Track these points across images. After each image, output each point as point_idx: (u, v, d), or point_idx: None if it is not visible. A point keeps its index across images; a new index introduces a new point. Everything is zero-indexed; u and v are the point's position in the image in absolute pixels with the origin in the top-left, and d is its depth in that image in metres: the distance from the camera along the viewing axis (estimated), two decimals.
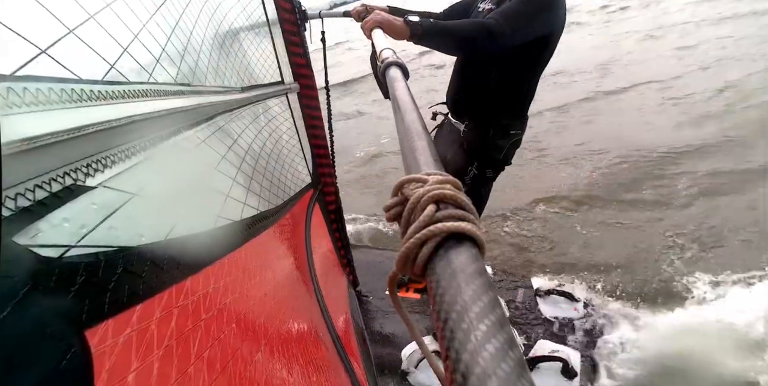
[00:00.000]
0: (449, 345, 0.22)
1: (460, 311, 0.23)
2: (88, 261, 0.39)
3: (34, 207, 0.34)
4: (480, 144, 1.65)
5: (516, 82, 1.57)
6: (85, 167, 0.39)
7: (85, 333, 0.37)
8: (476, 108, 1.66)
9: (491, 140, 1.63)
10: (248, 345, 0.68)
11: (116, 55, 0.43)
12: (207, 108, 0.69)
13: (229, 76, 1.00)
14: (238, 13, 1.21)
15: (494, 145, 1.64)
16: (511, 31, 1.30)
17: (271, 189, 1.14)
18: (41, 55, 0.32)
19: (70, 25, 0.37)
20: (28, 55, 0.31)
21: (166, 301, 0.51)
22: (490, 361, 0.19)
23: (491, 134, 1.62)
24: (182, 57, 0.62)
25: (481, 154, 1.67)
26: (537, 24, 1.37)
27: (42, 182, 0.34)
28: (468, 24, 1.35)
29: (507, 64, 1.53)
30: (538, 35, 1.40)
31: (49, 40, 0.34)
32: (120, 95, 0.42)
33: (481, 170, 1.68)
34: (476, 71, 1.64)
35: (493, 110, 1.61)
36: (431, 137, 0.49)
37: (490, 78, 1.58)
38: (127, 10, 0.47)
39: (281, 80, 1.54)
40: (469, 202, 0.33)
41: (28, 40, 0.31)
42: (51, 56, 0.34)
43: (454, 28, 1.32)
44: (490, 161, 1.68)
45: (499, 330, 0.21)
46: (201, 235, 0.64)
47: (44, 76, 0.33)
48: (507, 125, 1.62)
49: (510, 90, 1.58)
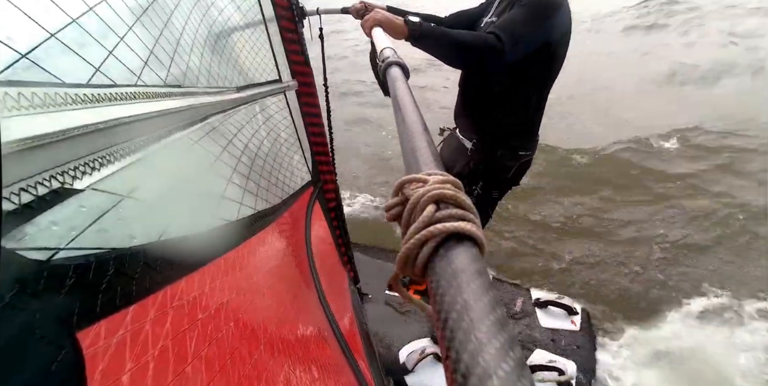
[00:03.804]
0: (449, 345, 0.22)
1: (461, 311, 0.23)
2: (78, 263, 0.39)
3: (20, 210, 0.34)
4: (487, 164, 1.59)
5: (522, 97, 1.49)
6: (73, 170, 0.39)
7: (76, 335, 0.38)
8: (483, 126, 1.58)
9: (499, 160, 1.57)
10: (247, 344, 0.69)
11: (101, 59, 0.44)
12: (199, 109, 0.69)
13: (224, 76, 1.00)
14: (233, 11, 1.21)
15: (502, 166, 1.58)
16: (511, 45, 1.24)
17: (270, 188, 1.14)
18: (21, 60, 0.33)
19: (52, 29, 0.37)
20: (8, 59, 0.31)
21: (160, 301, 0.52)
22: (491, 361, 0.19)
23: (499, 154, 1.56)
24: (172, 58, 0.63)
25: (488, 174, 1.60)
26: (538, 32, 1.31)
27: (27, 186, 0.34)
28: (469, 35, 1.29)
29: (511, 79, 1.45)
30: (540, 44, 1.33)
31: (30, 44, 0.34)
32: (106, 98, 0.42)
33: (487, 190, 1.62)
34: (480, 87, 1.56)
35: (501, 129, 1.54)
36: (431, 137, 0.49)
37: (493, 93, 1.50)
38: (111, 13, 0.47)
39: (278, 78, 1.53)
40: (469, 202, 0.33)
41: (7, 44, 0.31)
42: (32, 61, 0.34)
43: (455, 36, 1.27)
44: (496, 181, 1.62)
45: (500, 330, 0.21)
46: (196, 235, 0.64)
47: (25, 80, 0.33)
48: (517, 146, 1.56)
49: (516, 107, 1.50)
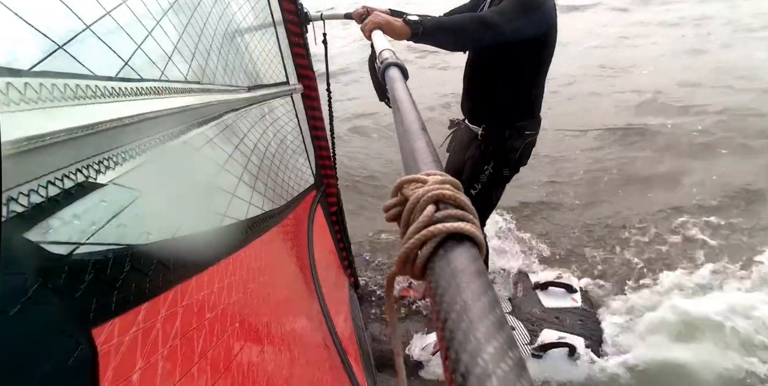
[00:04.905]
0: (449, 345, 0.22)
1: (460, 311, 0.23)
2: (97, 259, 0.38)
3: (46, 204, 0.33)
4: (497, 145, 1.75)
5: (521, 83, 1.66)
6: (97, 164, 0.38)
7: (91, 332, 0.37)
8: (490, 113, 1.75)
9: (507, 141, 1.73)
10: (251, 345, 0.68)
11: (130, 52, 0.43)
12: (215, 106, 0.69)
13: (237, 75, 1.00)
14: (246, 12, 1.21)
15: (510, 146, 1.74)
16: (501, 22, 1.38)
17: (276, 189, 1.14)
18: (58, 51, 0.32)
19: (87, 21, 0.36)
20: (46, 50, 0.31)
21: (171, 300, 0.51)
22: (490, 361, 0.19)
23: (507, 135, 1.72)
24: (193, 55, 0.62)
25: (499, 154, 1.76)
26: (525, 22, 1.44)
27: (54, 179, 0.34)
28: (462, 17, 1.43)
29: (509, 66, 1.62)
30: (528, 33, 1.47)
31: (67, 35, 0.34)
32: (133, 92, 0.42)
33: (498, 169, 1.78)
34: (482, 76, 1.73)
35: (506, 114, 1.71)
36: (430, 137, 0.50)
37: (496, 81, 1.67)
38: (142, 6, 0.46)
39: (286, 81, 1.54)
40: (468, 202, 0.33)
41: (47, 35, 0.31)
42: (68, 52, 0.33)
43: (451, 22, 1.41)
44: (507, 160, 1.77)
45: (499, 330, 0.21)
46: (208, 234, 0.63)
47: (60, 72, 0.33)
48: (522, 126, 1.72)
49: (517, 92, 1.67)
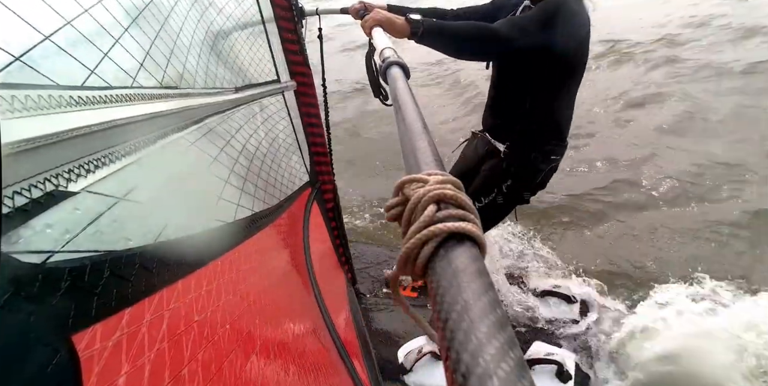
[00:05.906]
0: (449, 345, 0.22)
1: (461, 311, 0.23)
2: (73, 266, 0.39)
3: (14, 214, 0.34)
4: (519, 166, 1.65)
5: (548, 102, 1.57)
6: (67, 172, 0.39)
7: (71, 338, 0.38)
8: (514, 132, 1.65)
9: (532, 163, 1.64)
10: (243, 347, 0.69)
11: (96, 61, 0.43)
12: (196, 110, 0.69)
13: (222, 77, 1.00)
14: (231, 11, 1.21)
15: (534, 168, 1.65)
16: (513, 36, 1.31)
17: (267, 189, 1.14)
18: (15, 63, 0.33)
19: (46, 31, 0.37)
20: (2, 62, 0.31)
21: (156, 304, 0.52)
22: (491, 361, 0.19)
23: (532, 157, 1.63)
24: (168, 60, 0.62)
25: (520, 175, 1.66)
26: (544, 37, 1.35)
27: (21, 189, 0.34)
28: (470, 25, 1.35)
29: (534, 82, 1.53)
30: (538, 46, 1.38)
31: (24, 47, 0.34)
32: (101, 100, 0.42)
33: (515, 189, 1.68)
34: (507, 92, 1.65)
35: (534, 135, 1.61)
36: (432, 137, 0.49)
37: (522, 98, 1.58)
38: (107, 15, 0.47)
39: (277, 79, 1.53)
40: (469, 202, 0.33)
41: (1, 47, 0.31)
42: (25, 63, 0.34)
43: (456, 28, 1.33)
44: (528, 182, 1.68)
45: (500, 330, 0.21)
46: (193, 237, 0.64)
47: (19, 83, 0.33)
48: (550, 150, 1.63)
49: (545, 112, 1.58)
